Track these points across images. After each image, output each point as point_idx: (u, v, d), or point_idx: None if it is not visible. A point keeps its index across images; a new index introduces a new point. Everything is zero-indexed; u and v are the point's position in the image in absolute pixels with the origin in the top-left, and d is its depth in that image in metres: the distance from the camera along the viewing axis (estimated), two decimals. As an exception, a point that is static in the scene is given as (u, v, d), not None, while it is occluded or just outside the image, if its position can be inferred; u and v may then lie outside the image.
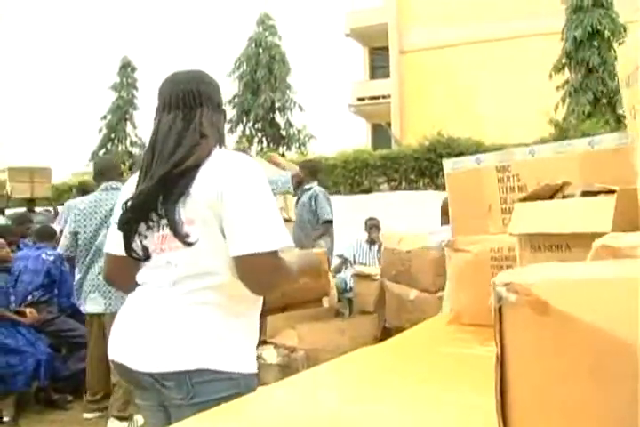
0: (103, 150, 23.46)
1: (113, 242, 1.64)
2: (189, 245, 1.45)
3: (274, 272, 1.46)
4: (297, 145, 20.73)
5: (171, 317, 1.46)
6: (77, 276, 3.50)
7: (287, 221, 4.61)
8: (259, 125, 21.04)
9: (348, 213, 9.73)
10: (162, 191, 1.48)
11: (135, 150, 23.21)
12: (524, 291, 0.57)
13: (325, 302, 4.90)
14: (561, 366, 0.56)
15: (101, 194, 3.51)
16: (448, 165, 2.72)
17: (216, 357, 1.45)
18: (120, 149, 23.52)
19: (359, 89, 22.62)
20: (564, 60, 14.95)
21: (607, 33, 14.49)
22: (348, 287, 5.71)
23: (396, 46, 21.28)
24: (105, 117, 24.67)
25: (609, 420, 0.54)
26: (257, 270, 1.44)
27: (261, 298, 1.57)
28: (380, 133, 21.39)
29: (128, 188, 1.64)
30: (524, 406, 0.59)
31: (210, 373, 1.42)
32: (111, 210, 3.28)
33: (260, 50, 20.73)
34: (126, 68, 24.58)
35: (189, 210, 1.46)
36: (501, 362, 0.60)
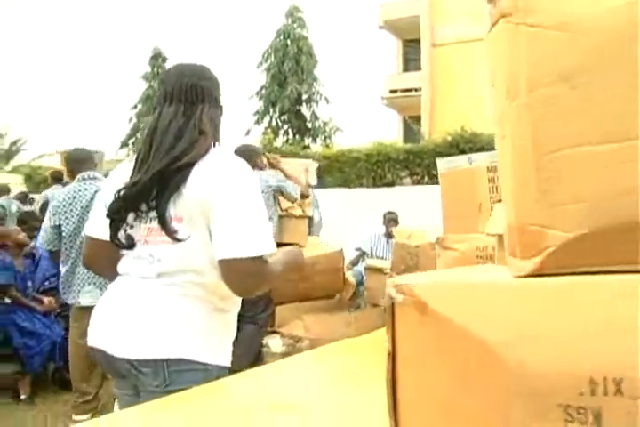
0: (133, 139, 23.68)
1: (96, 226, 1.68)
2: (178, 241, 1.48)
3: (256, 277, 1.47)
4: (322, 137, 20.71)
5: (153, 306, 1.50)
6: (64, 269, 3.35)
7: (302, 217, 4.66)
8: (285, 117, 21.04)
9: (369, 206, 9.81)
10: (156, 185, 1.50)
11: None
12: (409, 292, 0.65)
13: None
14: (437, 363, 0.64)
15: (80, 185, 3.36)
16: (442, 164, 2.80)
17: (194, 348, 1.49)
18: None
19: (392, 81, 22.49)
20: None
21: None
22: (363, 280, 5.80)
23: (427, 39, 21.16)
24: (135, 107, 24.90)
25: (475, 416, 0.61)
26: (240, 274, 1.46)
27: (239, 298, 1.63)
28: (410, 127, 21.29)
29: (119, 175, 1.66)
30: (410, 397, 0.67)
31: (187, 362, 1.46)
32: (91, 200, 3.23)
33: (288, 42, 20.66)
34: (157, 58, 24.75)
35: (179, 208, 1.48)
36: (392, 356, 0.67)
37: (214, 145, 1.56)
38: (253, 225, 1.46)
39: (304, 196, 4.36)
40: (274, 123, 21.10)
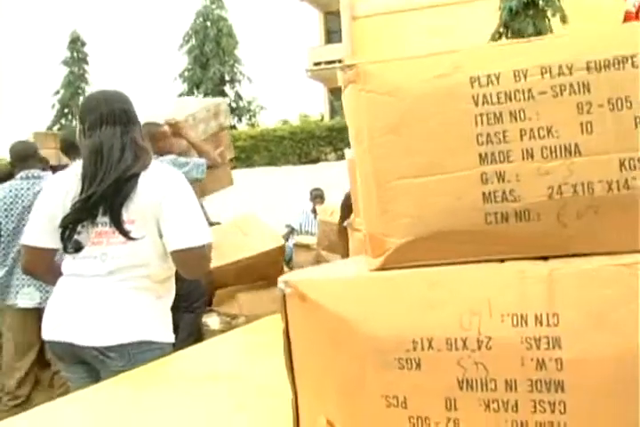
0: (57, 126, 23.14)
1: (34, 235, 1.91)
2: (133, 240, 1.78)
3: (203, 260, 1.86)
4: (247, 117, 20.82)
5: (110, 300, 1.79)
6: (2, 270, 3.34)
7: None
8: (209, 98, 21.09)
9: (296, 183, 10.03)
10: (112, 193, 1.77)
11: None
12: (293, 285, 0.89)
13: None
14: (316, 337, 0.87)
15: (22, 183, 3.34)
16: (349, 151, 3.07)
17: (149, 331, 1.81)
18: (74, 123, 23.26)
19: (315, 54, 22.63)
20: (501, 30, 15.37)
21: (542, 3, 14.89)
22: (292, 256, 6.04)
23: (347, 11, 21.35)
24: (57, 93, 24.30)
25: (345, 372, 0.83)
26: (191, 260, 1.82)
27: (173, 282, 1.93)
28: (339, 98, 21.52)
29: (62, 186, 1.88)
30: (301, 365, 0.90)
31: (146, 344, 1.78)
32: (34, 199, 3.05)
33: (208, 23, 20.60)
34: (76, 42, 24.12)
35: (131, 212, 1.78)
36: (287, 334, 0.91)
37: (151, 158, 1.84)
38: (196, 221, 1.83)
39: (214, 166, 3.83)
40: (198, 104, 21.05)
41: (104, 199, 1.77)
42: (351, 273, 0.91)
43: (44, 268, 1.94)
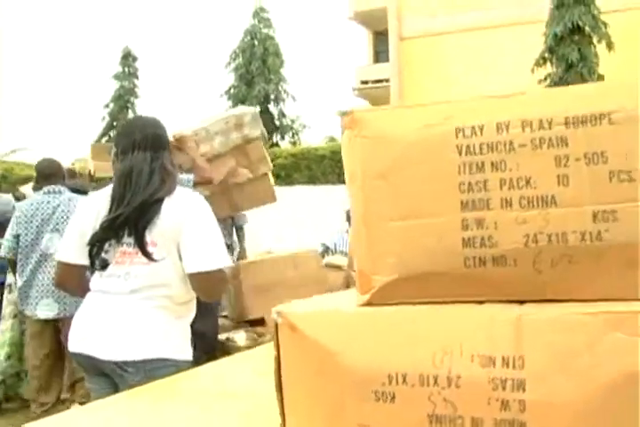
0: (106, 138, 23.82)
1: (67, 252, 2.02)
2: (155, 261, 1.86)
3: (220, 284, 1.94)
4: (290, 134, 21.09)
5: (131, 317, 1.88)
6: (21, 280, 3.49)
7: None
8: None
9: (334, 203, 10.10)
10: (137, 215, 1.86)
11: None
12: (284, 316, 0.95)
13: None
14: (303, 365, 0.93)
15: (43, 197, 3.53)
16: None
17: (166, 348, 1.89)
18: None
19: (363, 72, 22.91)
20: (546, 55, 15.35)
21: (588, 29, 14.83)
22: (325, 276, 6.03)
23: (395, 32, 21.56)
24: (107, 106, 25.09)
25: (327, 400, 0.88)
26: (208, 283, 1.90)
27: (195, 304, 2.01)
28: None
29: (94, 206, 2.00)
30: (289, 391, 0.95)
31: (161, 361, 1.86)
32: (53, 213, 3.42)
33: (255, 42, 21.02)
34: (127, 57, 24.93)
35: (154, 235, 1.87)
36: (278, 360, 0.98)
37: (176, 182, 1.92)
38: (214, 245, 1.90)
39: (208, 181, 3.41)
40: (242, 121, 21.41)
41: (129, 221, 1.87)
42: (338, 307, 0.96)
43: (74, 283, 2.05)
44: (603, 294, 0.83)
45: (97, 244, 1.92)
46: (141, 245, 1.85)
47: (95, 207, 1.97)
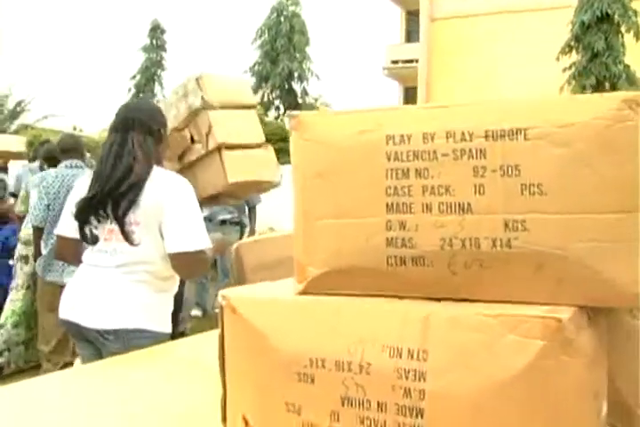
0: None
1: (64, 226, 2.14)
2: (133, 245, 1.96)
3: (199, 264, 2.03)
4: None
5: (114, 289, 2.00)
6: (46, 249, 3.64)
7: None
8: (276, 93, 21.39)
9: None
10: (109, 199, 1.96)
11: (163, 109, 23.75)
12: (227, 300, 1.04)
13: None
14: (241, 345, 1.01)
15: (67, 170, 3.68)
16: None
17: (146, 320, 2.00)
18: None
19: (394, 52, 22.73)
20: (572, 43, 15.10)
21: (617, 17, 14.53)
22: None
23: (426, 13, 21.34)
24: (134, 77, 25.23)
25: (258, 378, 0.98)
26: (186, 263, 1.99)
27: (178, 279, 2.11)
28: (412, 96, 21.63)
29: (82, 185, 2.12)
30: (230, 367, 1.04)
31: (140, 331, 1.97)
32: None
33: (282, 19, 20.93)
34: (156, 30, 24.99)
35: (138, 215, 1.97)
36: (221, 340, 1.07)
37: (151, 166, 1.98)
38: (195, 226, 1.98)
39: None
40: (265, 98, 21.45)
41: (102, 202, 1.96)
42: (275, 294, 1.04)
43: (71, 255, 2.17)
44: (511, 296, 0.89)
45: (79, 218, 2.03)
46: (122, 228, 1.95)
47: (87, 185, 2.06)
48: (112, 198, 1.95)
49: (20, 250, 4.18)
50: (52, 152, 4.32)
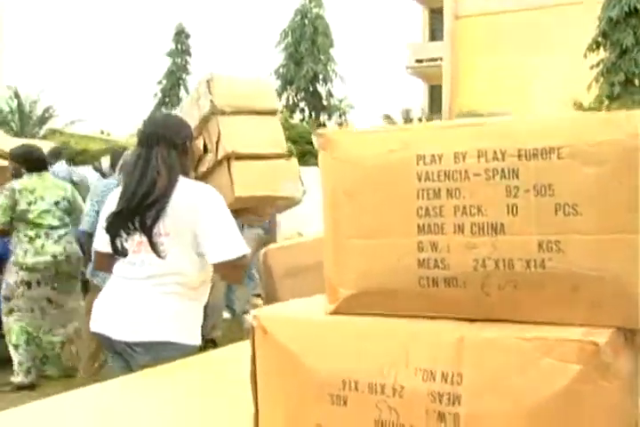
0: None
1: (99, 240, 2.18)
2: (160, 257, 1.98)
3: (242, 270, 2.11)
4: (338, 114, 21.11)
5: (143, 301, 2.01)
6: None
7: None
8: (301, 95, 21.43)
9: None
10: (143, 209, 1.99)
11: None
12: (258, 320, 1.04)
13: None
14: (272, 365, 1.02)
15: (114, 182, 3.78)
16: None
17: (174, 332, 2.01)
18: (174, 111, 24.30)
19: (417, 50, 22.66)
20: (599, 39, 14.88)
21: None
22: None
23: (450, 10, 21.23)
24: (160, 82, 25.51)
25: (289, 399, 0.98)
26: (231, 271, 2.07)
27: (209, 287, 2.12)
28: (437, 95, 21.55)
29: (112, 200, 2.15)
30: (262, 386, 1.04)
31: (169, 344, 1.98)
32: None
33: (306, 22, 20.95)
34: (180, 34, 25.24)
35: (167, 226, 1.99)
36: (253, 360, 1.07)
37: (176, 178, 2.00)
38: (232, 233, 2.02)
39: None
40: (291, 101, 21.50)
41: (129, 216, 1.98)
42: (306, 315, 1.04)
43: (108, 267, 2.20)
44: (546, 317, 0.88)
45: (109, 232, 2.07)
46: (149, 238, 1.97)
47: (116, 201, 2.10)
48: (138, 212, 1.97)
49: (22, 276, 4.10)
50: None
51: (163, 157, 2.04)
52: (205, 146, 2.81)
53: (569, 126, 0.87)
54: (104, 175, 5.35)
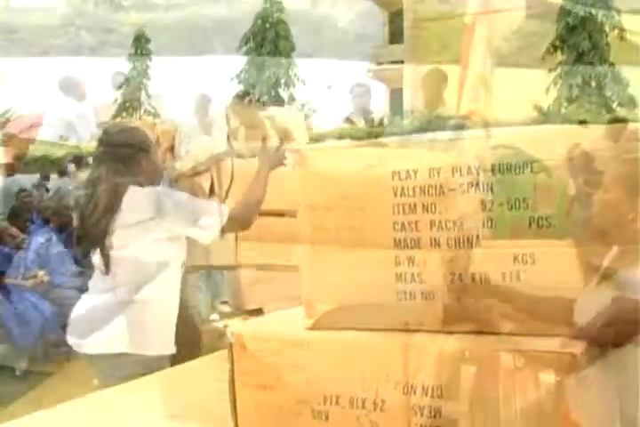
0: (119, 119, 23.91)
1: None
2: (106, 273, 1.95)
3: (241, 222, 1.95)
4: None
5: (107, 313, 1.97)
6: None
7: None
8: (264, 100, 21.40)
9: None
10: (88, 232, 1.99)
11: (149, 119, 23.65)
12: (236, 336, 1.04)
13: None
14: (251, 377, 1.02)
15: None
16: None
17: (134, 343, 1.96)
18: (134, 117, 23.98)
19: (379, 54, 22.74)
20: (557, 43, 15.21)
21: (600, 17, 14.66)
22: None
23: (410, 13, 21.37)
24: (120, 87, 25.12)
25: (277, 414, 0.98)
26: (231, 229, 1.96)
27: (177, 297, 2.09)
28: (398, 99, 21.66)
29: None
30: (240, 395, 1.04)
31: (129, 355, 1.93)
32: None
33: (267, 26, 20.91)
34: (140, 39, 24.89)
35: (118, 238, 1.94)
36: (232, 370, 1.07)
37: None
38: (197, 210, 1.94)
39: None
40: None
41: (87, 234, 1.98)
42: (283, 330, 1.04)
43: None
44: (522, 329, 0.90)
45: (81, 252, 2.04)
46: (101, 252, 1.96)
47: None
48: (89, 231, 1.97)
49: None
50: None
51: (113, 172, 1.99)
52: (212, 186, 2.49)
53: (543, 142, 0.89)
54: None
